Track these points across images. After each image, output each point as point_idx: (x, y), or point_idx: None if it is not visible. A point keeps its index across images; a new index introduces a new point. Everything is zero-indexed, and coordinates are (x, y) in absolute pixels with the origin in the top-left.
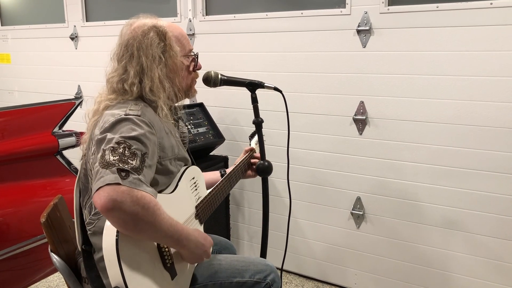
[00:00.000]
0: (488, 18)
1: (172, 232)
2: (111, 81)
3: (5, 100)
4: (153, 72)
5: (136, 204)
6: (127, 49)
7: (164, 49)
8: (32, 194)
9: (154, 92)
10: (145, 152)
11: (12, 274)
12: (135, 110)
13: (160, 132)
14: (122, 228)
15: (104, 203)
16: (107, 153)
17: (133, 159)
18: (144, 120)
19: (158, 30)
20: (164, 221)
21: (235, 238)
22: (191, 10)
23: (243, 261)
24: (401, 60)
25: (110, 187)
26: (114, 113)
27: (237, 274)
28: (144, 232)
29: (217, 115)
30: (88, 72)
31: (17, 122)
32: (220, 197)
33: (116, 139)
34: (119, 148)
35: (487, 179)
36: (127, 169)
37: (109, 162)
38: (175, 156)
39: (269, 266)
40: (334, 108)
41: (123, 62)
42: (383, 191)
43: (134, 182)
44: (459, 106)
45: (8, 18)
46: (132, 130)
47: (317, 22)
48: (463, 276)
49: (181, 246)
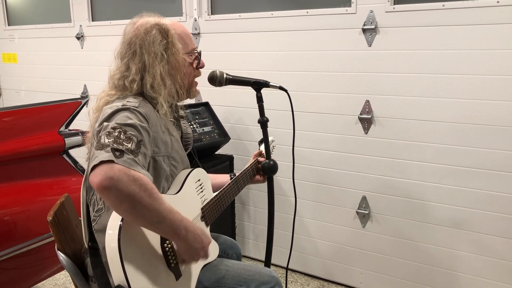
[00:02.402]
0: (495, 17)
1: (170, 219)
2: (113, 78)
3: (12, 100)
4: (155, 69)
5: (133, 184)
6: (130, 46)
7: (167, 47)
8: (38, 193)
9: (155, 89)
10: (140, 139)
11: (19, 272)
12: (133, 102)
13: (155, 127)
14: (118, 208)
15: (100, 181)
16: (102, 137)
17: (128, 142)
18: (141, 112)
19: (161, 27)
20: (162, 206)
21: (241, 237)
22: (196, 9)
23: (249, 270)
24: (407, 59)
25: (105, 165)
26: (112, 106)
27: (243, 283)
28: (141, 214)
29: (222, 114)
30: (94, 71)
31: (24, 122)
32: (226, 200)
33: (111, 125)
34: (114, 132)
35: (494, 178)
36: (121, 149)
37: (103, 144)
38: (168, 154)
39: (274, 278)
40: (339, 107)
41: (125, 60)
42: (389, 190)
43: (128, 162)
44: (466, 105)
45: (15, 18)
46: (128, 118)
47: (322, 21)
48: (469, 276)
49: (178, 236)
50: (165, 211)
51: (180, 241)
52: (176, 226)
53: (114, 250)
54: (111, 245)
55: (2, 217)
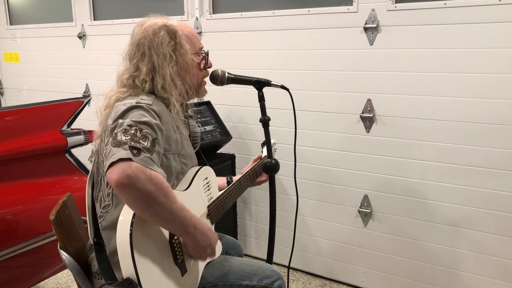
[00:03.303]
0: (497, 15)
1: (181, 217)
2: (122, 77)
3: (14, 99)
4: (165, 70)
5: (150, 182)
6: (138, 48)
7: (175, 48)
8: (41, 192)
9: (166, 90)
10: (155, 137)
11: (21, 271)
12: (147, 100)
13: (167, 125)
14: (135, 206)
15: (119, 179)
16: (119, 134)
17: (145, 140)
18: (155, 109)
19: (169, 29)
20: (175, 204)
21: (242, 236)
22: (198, 8)
23: (252, 265)
24: (409, 57)
25: (124, 163)
26: (126, 103)
27: (246, 277)
28: (155, 212)
29: (224, 113)
30: (96, 70)
31: (26, 121)
32: (231, 200)
33: (127, 122)
34: (131, 129)
35: (495, 177)
36: (139, 147)
37: (121, 141)
38: (178, 152)
39: (276, 272)
40: (341, 106)
41: (134, 61)
42: (391, 189)
43: (146, 161)
44: (467, 103)
45: (17, 17)
46: (143, 116)
47: (324, 20)
48: (470, 274)
49: (187, 233)
50: (178, 209)
51: (189, 238)
52: (186, 224)
53: (126, 245)
54: (123, 239)
55: (5, 216)
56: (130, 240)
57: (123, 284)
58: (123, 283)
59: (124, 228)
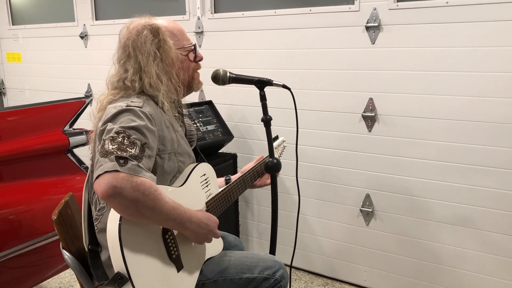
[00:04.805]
0: (499, 14)
1: (174, 215)
2: (111, 80)
3: (16, 99)
4: (150, 68)
5: (136, 190)
6: (124, 50)
7: (159, 45)
8: (43, 192)
9: (154, 87)
10: (145, 142)
11: (24, 270)
12: (137, 102)
13: (160, 125)
14: (124, 213)
15: (104, 190)
16: (106, 142)
17: (132, 147)
18: (145, 111)
19: (151, 27)
20: (166, 205)
21: (244, 235)
22: (199, 8)
23: (252, 257)
24: (411, 56)
25: (109, 174)
26: (116, 105)
27: (246, 270)
28: (146, 216)
29: (225, 112)
30: (98, 70)
31: (28, 121)
32: (231, 198)
33: (115, 129)
34: (118, 137)
35: (497, 176)
36: (125, 156)
37: (107, 151)
38: (174, 151)
39: (278, 262)
40: (343, 105)
41: (122, 62)
42: (392, 188)
43: (132, 169)
44: (469, 102)
45: (19, 17)
46: (132, 121)
47: (325, 19)
48: (472, 273)
49: (184, 228)
50: (169, 210)
51: (188, 231)
52: (180, 220)
53: (115, 238)
54: (112, 233)
55: (7, 216)
56: (118, 233)
57: (114, 279)
58: (114, 278)
59: (113, 222)
